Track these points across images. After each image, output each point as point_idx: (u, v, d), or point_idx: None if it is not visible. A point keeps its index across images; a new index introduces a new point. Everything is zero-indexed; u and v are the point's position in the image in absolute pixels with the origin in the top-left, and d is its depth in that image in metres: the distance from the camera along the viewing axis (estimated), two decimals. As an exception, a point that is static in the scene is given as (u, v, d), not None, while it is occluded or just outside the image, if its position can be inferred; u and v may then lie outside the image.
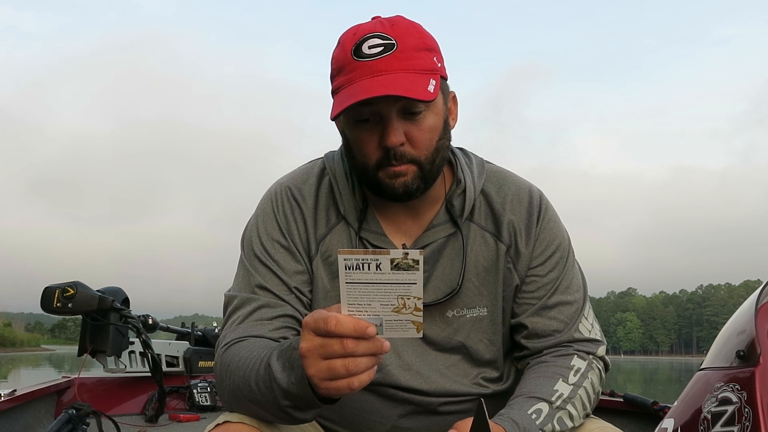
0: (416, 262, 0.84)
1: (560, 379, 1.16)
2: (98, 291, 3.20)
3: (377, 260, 0.84)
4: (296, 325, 1.17)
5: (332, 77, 1.14)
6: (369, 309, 0.87)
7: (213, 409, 3.66)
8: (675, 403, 1.22)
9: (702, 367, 1.21)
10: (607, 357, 1.25)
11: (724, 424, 1.04)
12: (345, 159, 1.23)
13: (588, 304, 1.27)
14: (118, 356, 3.56)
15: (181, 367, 3.93)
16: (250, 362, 1.04)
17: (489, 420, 0.93)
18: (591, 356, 1.21)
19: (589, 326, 1.24)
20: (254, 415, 1.07)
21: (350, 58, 1.10)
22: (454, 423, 1.03)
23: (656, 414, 2.41)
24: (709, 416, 1.07)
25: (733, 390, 1.05)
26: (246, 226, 1.29)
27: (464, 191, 1.24)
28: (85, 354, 3.25)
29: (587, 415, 1.19)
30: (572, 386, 1.16)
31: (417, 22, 1.15)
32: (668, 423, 1.18)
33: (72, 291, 3.07)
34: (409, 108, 1.10)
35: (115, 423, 2.81)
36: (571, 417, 1.14)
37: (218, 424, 1.07)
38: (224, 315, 1.22)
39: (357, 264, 0.84)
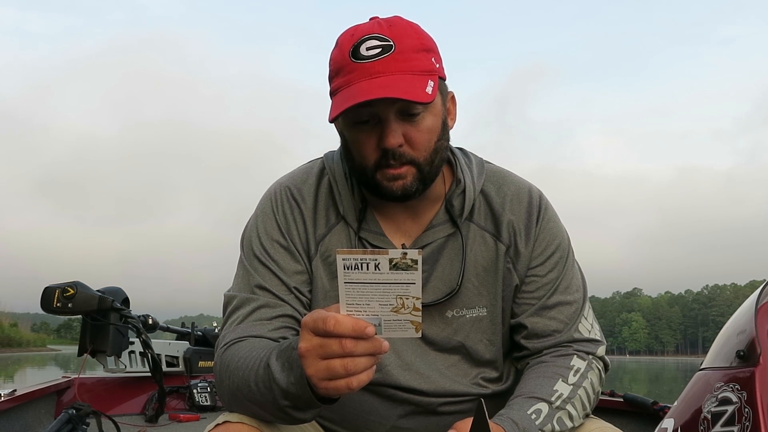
0: (415, 262, 0.84)
1: (560, 380, 1.16)
2: (98, 291, 3.20)
3: (376, 260, 0.84)
4: (296, 325, 1.17)
5: (330, 79, 1.14)
6: (368, 309, 0.87)
7: (213, 409, 3.66)
8: (675, 403, 1.22)
9: (702, 367, 1.20)
10: (608, 357, 1.25)
11: (724, 424, 1.04)
12: (344, 160, 1.23)
13: (588, 304, 1.27)
14: (118, 356, 3.55)
15: (181, 367, 3.93)
16: (250, 362, 1.04)
17: (489, 420, 0.93)
18: (591, 356, 1.21)
19: (589, 326, 1.24)
20: (254, 415, 1.07)
21: (348, 60, 1.10)
22: (454, 423, 1.03)
23: (656, 414, 2.41)
24: (709, 416, 1.07)
25: (733, 390, 1.05)
26: (245, 226, 1.28)
27: (464, 191, 1.23)
28: (85, 354, 3.25)
29: (587, 415, 1.19)
30: (572, 386, 1.16)
31: (415, 23, 1.14)
32: (668, 423, 1.18)
33: (72, 291, 3.07)
34: (408, 109, 1.10)
35: (115, 423, 2.81)
36: (571, 417, 1.14)
37: (218, 424, 1.07)
38: (224, 315, 1.22)
39: (356, 264, 0.84)
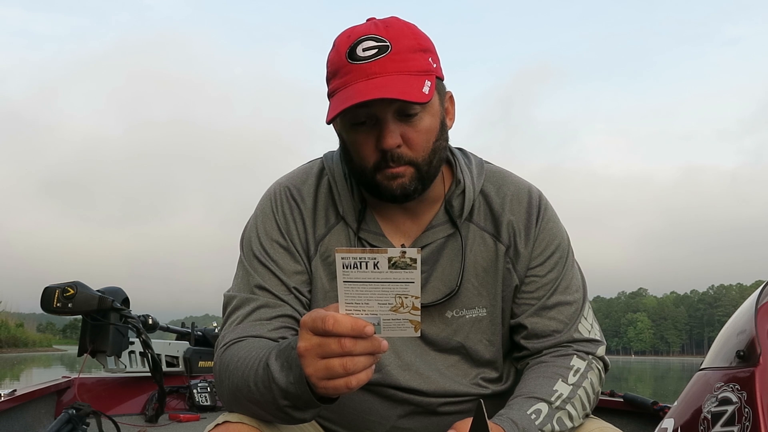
0: (414, 261, 0.83)
1: (560, 380, 1.16)
2: (98, 291, 3.20)
3: (375, 259, 0.83)
4: (295, 325, 1.17)
5: (328, 80, 1.14)
6: (367, 308, 0.87)
7: (213, 409, 3.66)
8: (675, 403, 1.22)
9: (702, 367, 1.20)
10: (614, 358, 1.26)
11: (724, 424, 1.03)
12: (343, 161, 1.23)
13: (587, 305, 1.26)
14: (118, 356, 3.56)
15: (181, 367, 3.93)
16: (249, 362, 1.04)
17: (488, 420, 0.93)
18: (590, 356, 1.21)
19: (589, 326, 1.24)
20: (254, 415, 1.06)
21: (345, 61, 1.10)
22: (454, 423, 1.03)
23: (656, 414, 2.41)
24: (709, 416, 1.07)
25: (733, 390, 1.05)
26: (245, 227, 1.28)
27: (463, 192, 1.23)
28: (85, 354, 3.25)
29: (587, 415, 1.19)
30: (572, 386, 1.16)
31: (412, 23, 1.14)
32: (668, 423, 1.18)
33: (72, 291, 3.07)
34: (405, 110, 1.10)
35: (115, 423, 2.81)
36: (571, 417, 1.14)
37: (218, 424, 1.07)
38: (223, 315, 1.22)
39: (354, 263, 0.84)
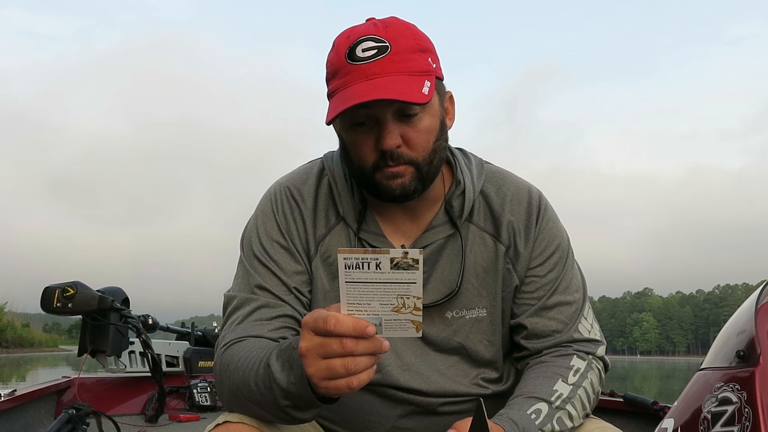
0: (416, 262, 0.84)
1: (560, 379, 1.16)
2: (98, 291, 3.20)
3: (377, 259, 0.83)
4: (296, 326, 1.17)
5: (328, 81, 1.14)
6: (368, 308, 0.87)
7: (213, 409, 3.66)
8: (675, 403, 1.22)
9: (702, 367, 1.20)
10: (619, 357, 1.27)
11: (724, 424, 1.03)
12: (343, 161, 1.23)
13: (587, 305, 1.27)
14: (118, 356, 3.56)
15: (181, 367, 3.93)
16: (250, 362, 1.04)
17: (488, 420, 0.93)
18: (590, 356, 1.21)
19: (589, 326, 1.24)
20: (254, 415, 1.07)
21: (344, 62, 1.10)
22: (454, 423, 1.03)
23: (656, 414, 2.41)
24: (709, 416, 1.07)
25: (733, 390, 1.05)
26: (245, 227, 1.29)
27: (463, 192, 1.23)
28: (85, 354, 3.25)
29: (587, 415, 1.19)
30: (572, 386, 1.16)
31: (411, 23, 1.14)
32: (668, 423, 1.18)
33: (72, 291, 3.07)
34: (405, 110, 1.10)
35: (115, 423, 2.81)
36: (571, 417, 1.14)
37: (218, 424, 1.07)
38: (224, 315, 1.22)
39: (356, 263, 0.84)
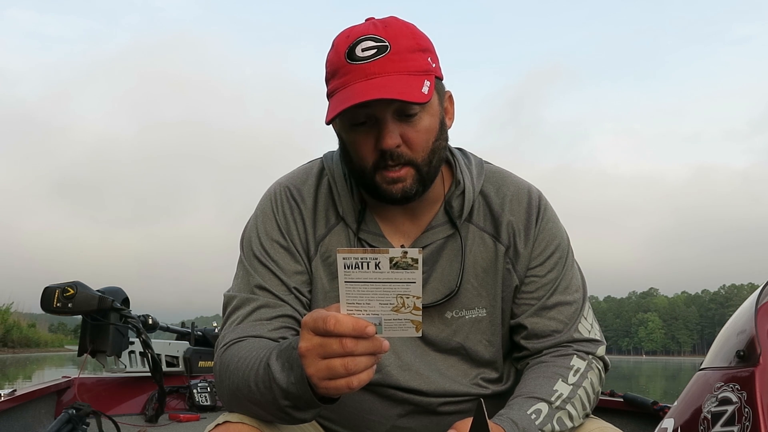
0: (415, 261, 0.83)
1: (560, 379, 1.16)
2: (98, 291, 3.20)
3: (376, 259, 0.83)
4: (295, 326, 1.17)
5: (327, 81, 1.14)
6: (368, 308, 0.87)
7: (213, 409, 3.66)
8: (675, 403, 1.22)
9: (702, 367, 1.20)
10: (625, 357, 1.27)
11: (724, 424, 1.03)
12: (343, 161, 1.23)
13: (587, 304, 1.27)
14: (118, 356, 3.56)
15: (181, 367, 3.93)
16: (250, 362, 1.04)
17: (488, 420, 0.93)
18: (590, 356, 1.21)
19: (589, 326, 1.24)
20: (254, 415, 1.06)
21: (344, 62, 1.10)
22: (454, 423, 1.03)
23: (656, 414, 2.41)
24: (709, 416, 1.07)
25: (733, 390, 1.05)
26: (245, 227, 1.28)
27: (463, 192, 1.23)
28: (85, 354, 3.25)
29: (587, 415, 1.19)
30: (572, 386, 1.16)
31: (411, 23, 1.14)
32: (668, 423, 1.18)
33: (72, 291, 3.07)
34: (404, 110, 1.10)
35: (115, 423, 2.81)
36: (571, 417, 1.14)
37: (218, 424, 1.07)
38: (223, 315, 1.22)
39: (356, 263, 0.84)
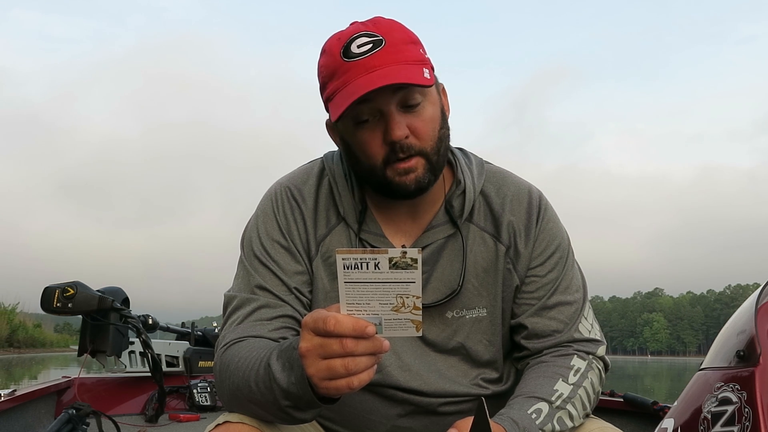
0: (414, 261, 0.84)
1: (560, 379, 1.16)
2: (98, 291, 3.20)
3: (375, 259, 0.83)
4: (296, 326, 1.17)
5: (323, 86, 1.14)
6: (368, 308, 0.87)
7: (213, 409, 3.66)
8: (675, 403, 1.22)
9: (702, 367, 1.20)
10: (630, 358, 1.27)
11: (724, 424, 1.03)
12: (345, 162, 1.23)
13: (588, 304, 1.27)
14: (118, 356, 3.55)
15: (181, 367, 3.93)
16: (250, 362, 1.04)
17: (489, 419, 0.93)
18: (591, 356, 1.21)
19: (589, 326, 1.24)
20: (254, 415, 1.07)
21: (341, 61, 1.10)
22: (455, 422, 1.03)
23: (656, 414, 2.41)
24: (709, 416, 1.07)
25: (733, 390, 1.05)
26: (246, 227, 1.28)
27: (464, 192, 1.23)
28: (85, 354, 3.25)
29: (587, 415, 1.19)
30: (572, 386, 1.16)
31: (396, 20, 1.15)
32: (668, 423, 1.18)
33: (72, 291, 3.07)
34: (408, 100, 1.10)
35: (115, 423, 2.81)
36: (571, 417, 1.14)
37: (218, 424, 1.07)
38: (224, 315, 1.22)
39: (355, 263, 0.84)
